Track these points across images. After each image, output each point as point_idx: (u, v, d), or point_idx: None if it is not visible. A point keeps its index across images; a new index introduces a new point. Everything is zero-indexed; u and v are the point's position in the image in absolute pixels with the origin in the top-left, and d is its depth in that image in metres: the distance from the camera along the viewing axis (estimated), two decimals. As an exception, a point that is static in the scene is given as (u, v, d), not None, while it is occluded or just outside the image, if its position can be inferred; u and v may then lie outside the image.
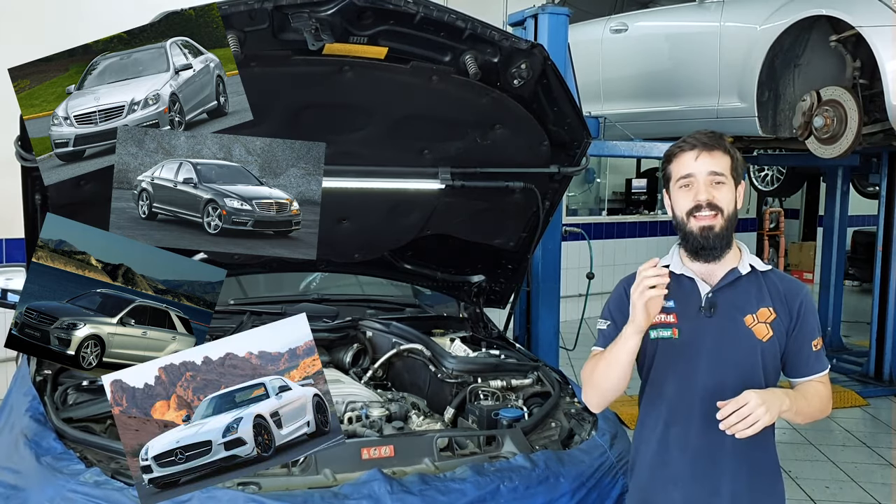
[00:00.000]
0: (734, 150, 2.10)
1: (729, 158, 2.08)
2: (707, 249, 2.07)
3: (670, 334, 2.11)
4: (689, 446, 2.09)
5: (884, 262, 7.30)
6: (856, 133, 4.84)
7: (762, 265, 2.14)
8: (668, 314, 2.12)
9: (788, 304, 2.10)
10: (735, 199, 2.09)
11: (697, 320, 2.09)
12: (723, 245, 2.07)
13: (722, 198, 2.05)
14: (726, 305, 2.08)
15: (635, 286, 1.98)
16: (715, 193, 2.05)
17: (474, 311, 3.79)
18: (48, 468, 2.17)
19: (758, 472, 2.10)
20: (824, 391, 2.11)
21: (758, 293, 2.10)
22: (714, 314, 2.08)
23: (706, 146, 2.06)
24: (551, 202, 3.27)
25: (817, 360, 2.12)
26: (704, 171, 2.05)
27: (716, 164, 2.05)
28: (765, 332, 2.07)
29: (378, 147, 2.91)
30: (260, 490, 2.15)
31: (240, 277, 3.71)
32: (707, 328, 2.08)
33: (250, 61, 2.40)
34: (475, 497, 2.22)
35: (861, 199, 9.39)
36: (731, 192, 2.08)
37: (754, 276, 2.12)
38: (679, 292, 2.13)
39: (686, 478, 2.10)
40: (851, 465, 5.33)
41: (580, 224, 8.48)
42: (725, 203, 2.06)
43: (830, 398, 2.13)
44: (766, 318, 2.08)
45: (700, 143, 2.07)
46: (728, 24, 5.60)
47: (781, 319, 2.08)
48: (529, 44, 2.64)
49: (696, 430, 2.07)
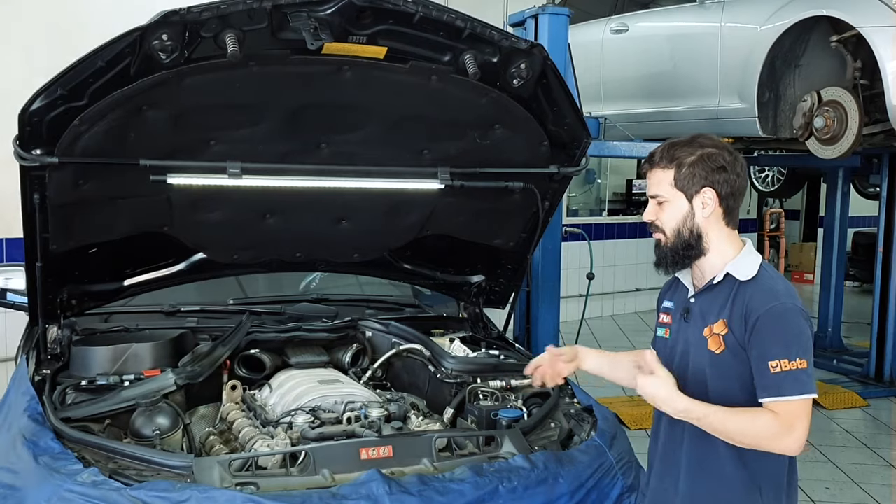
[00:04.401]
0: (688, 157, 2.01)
1: (671, 171, 2.02)
2: (658, 264, 2.11)
3: (663, 334, 2.18)
4: (658, 444, 2.18)
5: (884, 263, 7.30)
6: (856, 134, 4.83)
7: (746, 273, 2.00)
8: (666, 314, 2.20)
9: (747, 318, 1.94)
10: (684, 213, 2.03)
11: (680, 324, 2.13)
12: (672, 260, 2.07)
13: (663, 217, 2.06)
14: (696, 313, 2.08)
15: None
16: (658, 214, 2.07)
17: (474, 312, 3.79)
18: (46, 468, 2.16)
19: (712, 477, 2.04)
20: (766, 420, 1.87)
21: (722, 304, 2.01)
22: (688, 320, 2.10)
23: (650, 163, 2.09)
24: (551, 202, 3.26)
25: (774, 383, 1.88)
26: (650, 193, 2.09)
27: (653, 185, 2.08)
28: (717, 345, 2.00)
29: (377, 147, 2.90)
30: (258, 490, 2.14)
31: (239, 277, 3.72)
32: (683, 333, 2.11)
33: (249, 61, 2.40)
34: (474, 498, 2.22)
35: (862, 199, 9.39)
36: (677, 207, 2.03)
37: (727, 284, 2.02)
38: (677, 294, 2.19)
39: (655, 475, 2.20)
40: (852, 465, 5.33)
41: (581, 224, 8.48)
42: (666, 221, 2.06)
43: (781, 430, 1.86)
44: (720, 330, 2.00)
45: (649, 159, 2.10)
46: (728, 25, 5.60)
47: (735, 334, 1.96)
48: (529, 44, 2.63)
49: (665, 427, 2.13)
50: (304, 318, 3.47)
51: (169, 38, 2.27)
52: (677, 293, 2.18)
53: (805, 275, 13.15)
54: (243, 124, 2.71)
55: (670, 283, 2.25)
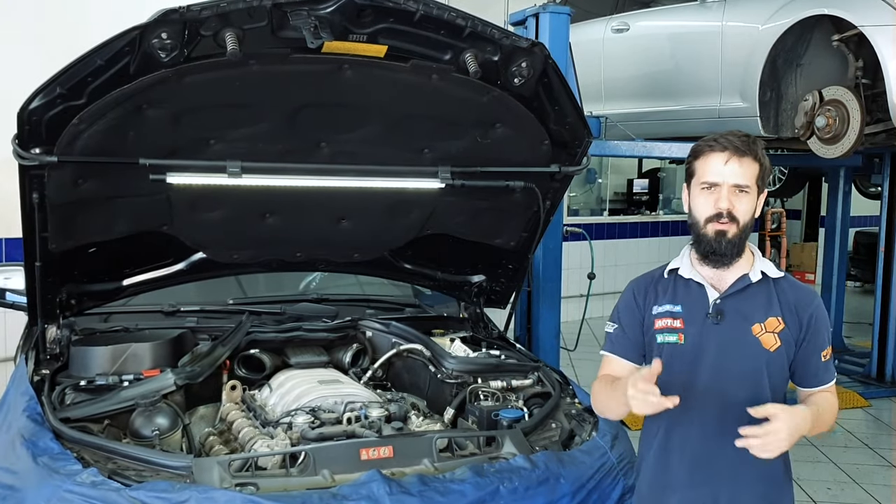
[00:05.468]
0: (764, 157, 2.03)
1: (758, 166, 2.01)
2: (717, 255, 2.03)
3: (676, 339, 2.08)
4: (687, 452, 2.06)
5: (886, 262, 7.29)
6: (858, 133, 4.82)
7: (775, 272, 2.08)
8: (674, 319, 2.09)
9: (799, 313, 2.04)
10: (755, 207, 2.04)
11: (704, 326, 2.05)
12: (734, 252, 2.04)
13: (741, 208, 2.01)
14: (734, 313, 2.04)
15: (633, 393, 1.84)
16: (736, 204, 2.01)
17: (474, 312, 3.78)
18: (45, 468, 2.16)
19: (761, 479, 2.04)
20: (833, 402, 2.10)
21: (767, 301, 2.04)
22: (721, 321, 2.04)
23: (738, 151, 1.99)
24: (552, 202, 3.25)
25: (826, 370, 2.09)
26: (730, 181, 1.99)
27: (743, 173, 1.99)
28: (772, 342, 2.02)
29: (377, 146, 2.89)
30: (258, 491, 2.14)
31: (239, 277, 3.71)
32: (713, 335, 2.04)
33: (249, 59, 2.39)
34: (475, 498, 2.21)
35: (863, 199, 9.38)
36: (753, 201, 2.03)
37: (765, 283, 2.06)
38: (687, 297, 2.09)
39: (683, 484, 2.07)
40: (853, 466, 5.32)
41: (582, 224, 8.47)
42: (743, 213, 2.02)
43: (837, 407, 2.12)
44: (775, 327, 2.02)
45: (732, 146, 1.99)
46: (730, 24, 5.59)
47: (790, 329, 2.04)
48: (530, 42, 2.62)
49: (696, 437, 2.05)
50: (304, 318, 3.47)
51: (168, 36, 2.26)
52: (684, 295, 2.09)
53: (806, 275, 13.09)
54: (243, 123, 2.70)
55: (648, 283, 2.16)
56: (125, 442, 2.49)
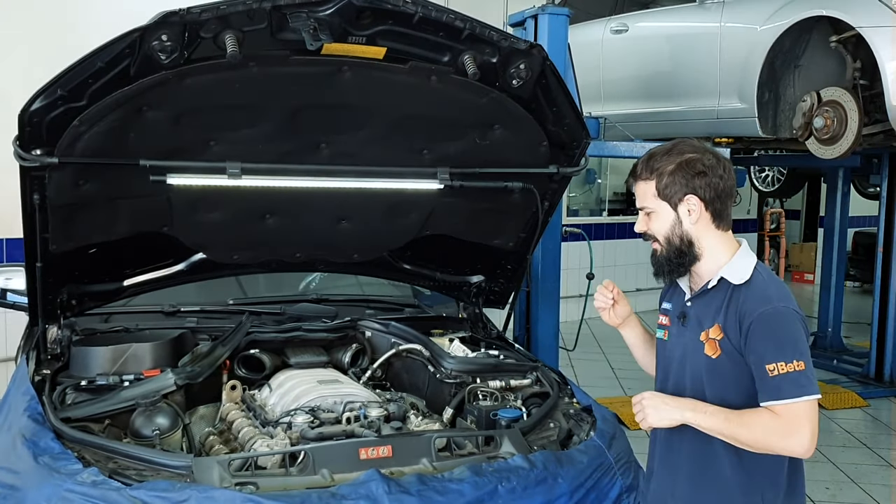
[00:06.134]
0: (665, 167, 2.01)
1: (652, 183, 2.03)
2: (655, 273, 2.13)
3: (662, 336, 2.20)
4: (658, 443, 2.18)
5: (884, 263, 7.30)
6: (856, 134, 4.83)
7: (739, 278, 2.00)
8: (665, 316, 2.21)
9: (740, 322, 1.95)
10: (673, 221, 2.03)
11: (678, 327, 2.14)
12: (668, 268, 2.08)
13: (654, 227, 2.08)
14: (692, 317, 2.09)
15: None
16: (648, 224, 2.09)
17: (473, 312, 3.79)
18: (46, 468, 2.16)
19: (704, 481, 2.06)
20: (769, 422, 1.89)
21: (717, 308, 2.02)
22: (685, 324, 2.11)
23: (632, 175, 2.11)
24: (550, 202, 3.26)
25: (772, 387, 1.89)
26: (639, 204, 2.11)
27: (639, 197, 2.10)
28: (713, 350, 2.01)
29: (377, 147, 2.90)
30: (257, 490, 2.14)
31: (239, 278, 3.72)
32: (681, 337, 2.12)
33: (248, 61, 2.40)
34: (473, 497, 2.22)
35: (862, 199, 9.39)
36: (664, 217, 2.04)
37: (721, 289, 2.02)
38: (674, 297, 2.20)
39: (656, 472, 2.20)
40: (851, 465, 5.33)
41: (581, 224, 8.47)
42: (657, 230, 2.07)
43: (786, 432, 1.87)
44: (716, 335, 2.01)
45: (631, 172, 2.12)
46: (728, 25, 5.60)
47: (730, 338, 1.97)
48: (528, 44, 2.63)
49: (663, 430, 2.12)
50: (304, 319, 3.48)
51: (168, 38, 2.27)
52: (675, 296, 2.19)
53: (805, 275, 13.15)
54: (243, 125, 2.71)
55: (670, 283, 2.25)
56: (126, 442, 2.50)
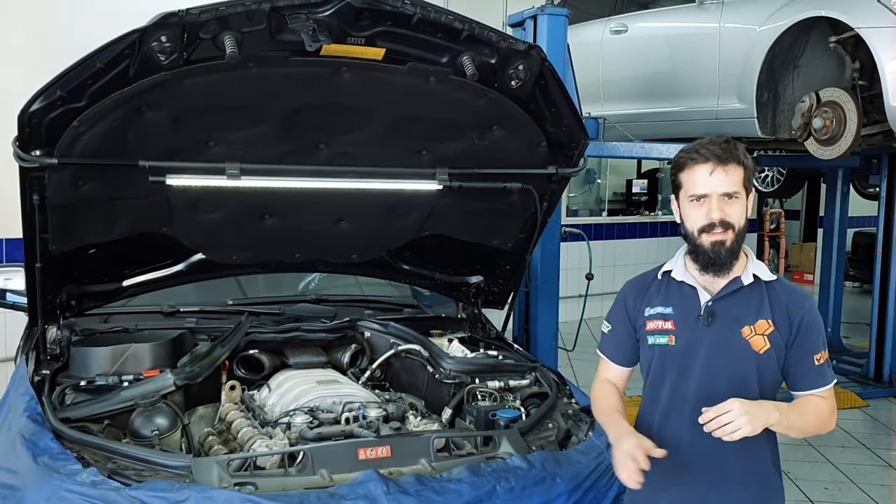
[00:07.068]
0: (747, 158, 2.04)
1: (742, 170, 2.01)
2: (718, 265, 2.05)
3: (667, 341, 2.11)
4: (677, 453, 2.06)
5: (884, 263, 7.30)
6: (855, 134, 4.84)
7: (768, 275, 2.08)
8: (665, 321, 2.12)
9: (790, 316, 2.04)
10: (746, 210, 2.05)
11: (695, 328, 2.08)
12: (732, 259, 2.05)
13: (734, 214, 2.02)
14: (725, 315, 2.06)
15: (620, 456, 1.96)
16: (728, 210, 2.01)
17: (472, 312, 3.79)
18: (45, 468, 2.17)
19: (749, 479, 2.07)
20: (824, 407, 2.05)
21: (758, 304, 2.05)
22: (712, 323, 2.06)
23: (720, 160, 1.99)
24: (549, 203, 3.27)
25: (819, 374, 2.06)
26: (718, 191, 2.00)
27: (729, 181, 2.00)
28: (762, 345, 2.03)
29: (376, 148, 2.91)
30: (256, 490, 2.15)
31: (239, 278, 3.72)
32: (704, 337, 2.07)
33: (247, 62, 2.41)
34: (471, 498, 2.22)
35: (861, 200, 9.39)
36: (743, 205, 2.04)
37: (757, 286, 2.07)
38: (679, 298, 2.12)
39: (673, 483, 2.10)
40: (851, 466, 5.33)
41: (580, 225, 8.48)
42: (737, 218, 2.02)
43: (833, 414, 2.06)
44: (764, 330, 2.03)
45: (714, 156, 2.00)
46: (727, 26, 5.60)
47: (780, 332, 2.04)
48: (527, 45, 2.63)
49: (686, 437, 2.06)
50: (303, 319, 3.48)
51: (168, 39, 2.27)
52: (676, 297, 2.13)
53: (805, 275, 13.14)
54: (242, 125, 2.71)
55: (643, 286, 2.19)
56: (125, 442, 2.51)
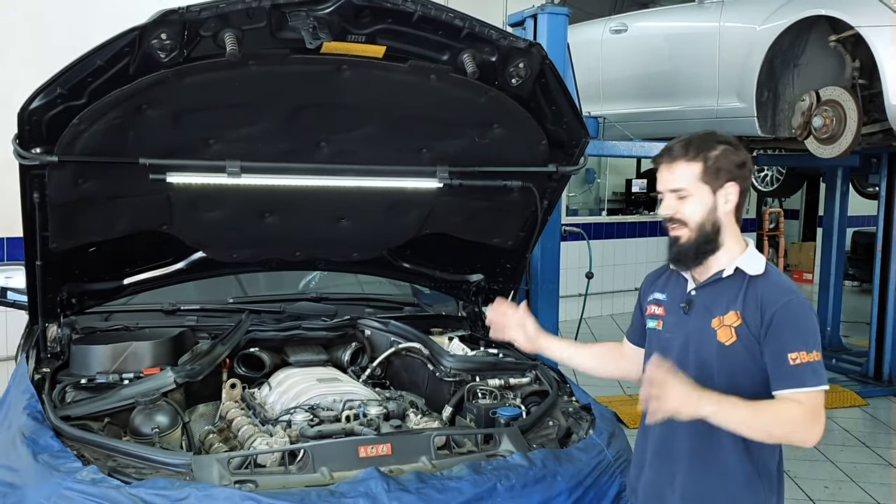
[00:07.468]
0: (711, 151, 2.02)
1: (699, 165, 2.02)
2: (675, 260, 2.12)
3: (656, 325, 2.21)
4: (653, 436, 2.16)
5: (883, 262, 7.31)
6: (855, 133, 4.84)
7: (755, 269, 2.04)
8: (658, 306, 2.21)
9: (762, 310, 1.98)
10: (710, 206, 2.04)
11: (678, 316, 2.14)
12: (694, 255, 2.07)
13: (685, 210, 2.05)
14: (701, 305, 2.09)
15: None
16: (678, 207, 2.06)
17: (473, 310, 3.79)
18: (45, 466, 2.16)
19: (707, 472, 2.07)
20: (794, 412, 1.90)
21: (732, 296, 2.03)
22: (689, 312, 2.11)
23: (668, 157, 2.07)
24: (549, 201, 3.26)
25: (791, 375, 1.93)
26: (668, 187, 2.08)
27: (674, 178, 2.06)
28: (728, 336, 2.01)
29: (376, 146, 2.91)
30: (257, 488, 2.15)
31: (239, 276, 3.72)
32: (683, 325, 2.12)
33: (248, 60, 2.40)
34: (472, 495, 2.22)
35: (861, 199, 9.40)
36: (700, 202, 2.04)
37: (738, 278, 2.05)
38: (671, 286, 2.20)
39: (649, 465, 2.19)
40: (850, 464, 5.34)
41: (580, 224, 8.48)
42: (689, 215, 2.05)
43: (810, 423, 1.91)
44: (732, 321, 2.01)
45: (666, 153, 2.08)
46: (727, 25, 5.61)
47: (749, 325, 1.99)
48: (527, 43, 2.63)
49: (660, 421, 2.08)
50: (304, 317, 3.48)
51: (168, 37, 2.27)
52: (671, 285, 2.20)
53: (804, 274, 13.16)
54: (242, 123, 2.71)
55: (657, 274, 2.28)
56: (125, 440, 2.50)
